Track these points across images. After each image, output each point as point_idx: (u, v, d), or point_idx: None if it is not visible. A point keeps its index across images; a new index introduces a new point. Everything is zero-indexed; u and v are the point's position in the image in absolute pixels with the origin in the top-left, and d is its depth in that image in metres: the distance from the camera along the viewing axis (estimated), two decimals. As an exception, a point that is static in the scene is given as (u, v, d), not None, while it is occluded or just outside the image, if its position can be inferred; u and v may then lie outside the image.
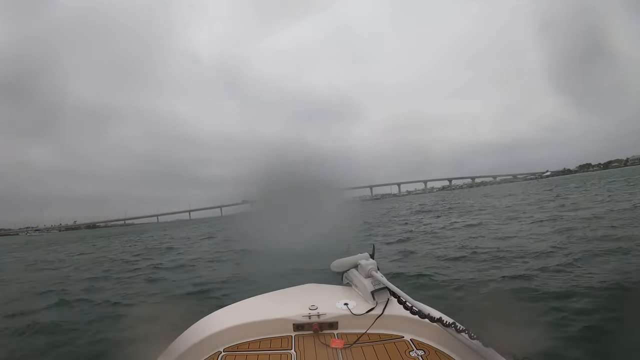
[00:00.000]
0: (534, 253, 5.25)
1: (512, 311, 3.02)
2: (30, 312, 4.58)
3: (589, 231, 6.55)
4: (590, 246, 5.26)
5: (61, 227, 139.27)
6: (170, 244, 14.53)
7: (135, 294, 5.37)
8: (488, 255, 5.49)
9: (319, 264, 3.65)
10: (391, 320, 1.75)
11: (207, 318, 1.87)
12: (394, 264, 5.65)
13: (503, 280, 4.13)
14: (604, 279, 3.62)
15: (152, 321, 3.01)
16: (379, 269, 2.01)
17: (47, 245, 23.81)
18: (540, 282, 3.86)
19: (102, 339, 3.42)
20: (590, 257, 4.63)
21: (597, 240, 5.64)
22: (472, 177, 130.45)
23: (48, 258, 13.46)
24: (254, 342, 1.68)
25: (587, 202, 12.83)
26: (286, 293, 2.15)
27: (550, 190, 25.60)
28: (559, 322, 2.85)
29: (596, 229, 6.76)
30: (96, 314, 4.32)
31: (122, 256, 11.30)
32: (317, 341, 1.66)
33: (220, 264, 7.71)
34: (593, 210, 9.84)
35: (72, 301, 5.04)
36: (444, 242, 7.50)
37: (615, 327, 2.65)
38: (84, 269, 8.76)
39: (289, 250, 4.66)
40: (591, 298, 3.21)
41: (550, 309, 3.10)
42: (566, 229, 7.03)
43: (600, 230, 6.55)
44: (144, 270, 7.66)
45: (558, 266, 4.35)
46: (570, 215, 9.37)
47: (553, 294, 3.41)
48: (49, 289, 6.12)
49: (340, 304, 1.85)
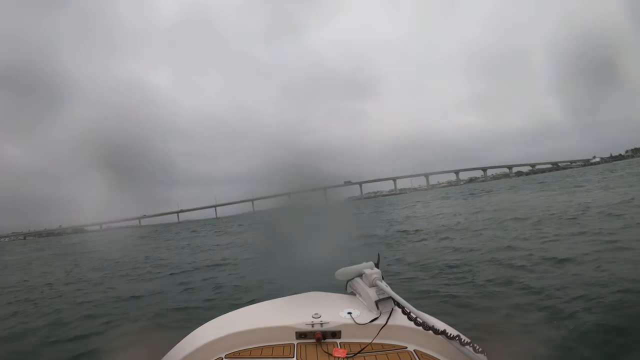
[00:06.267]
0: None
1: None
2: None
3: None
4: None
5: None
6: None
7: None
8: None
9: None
10: (395, 330, 1.74)
11: (209, 323, 1.92)
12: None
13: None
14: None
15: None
16: (383, 279, 1.99)
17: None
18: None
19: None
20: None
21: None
22: (509, 165, 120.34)
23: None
24: (255, 349, 1.70)
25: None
26: (289, 301, 2.16)
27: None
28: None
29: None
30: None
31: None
32: (319, 350, 1.66)
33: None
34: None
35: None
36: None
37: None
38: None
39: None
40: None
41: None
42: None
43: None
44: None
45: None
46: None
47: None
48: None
49: (344, 313, 1.84)
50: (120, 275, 9.38)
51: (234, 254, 11.38)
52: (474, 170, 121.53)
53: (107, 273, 9.98)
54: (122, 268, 10.64)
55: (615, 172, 32.11)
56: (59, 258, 17.68)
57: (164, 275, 8.75)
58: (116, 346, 3.94)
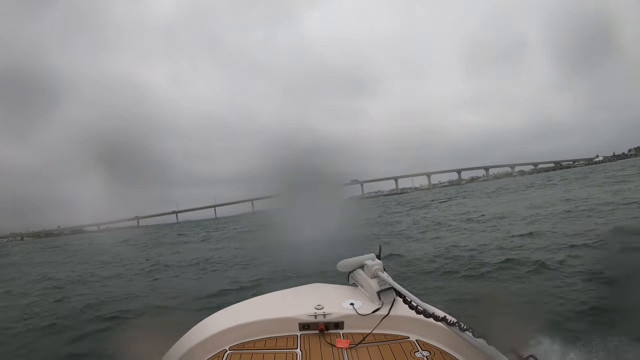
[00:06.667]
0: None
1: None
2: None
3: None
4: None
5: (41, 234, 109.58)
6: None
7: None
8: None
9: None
10: (397, 320, 1.75)
11: (213, 316, 1.93)
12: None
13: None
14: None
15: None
16: (385, 270, 2.01)
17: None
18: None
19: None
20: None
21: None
22: (512, 164, 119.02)
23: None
24: (259, 341, 1.71)
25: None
26: (292, 292, 2.16)
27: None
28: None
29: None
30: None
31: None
32: (322, 341, 1.68)
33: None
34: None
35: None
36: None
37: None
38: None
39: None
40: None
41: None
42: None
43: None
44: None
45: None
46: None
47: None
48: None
49: (346, 304, 1.86)
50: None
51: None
52: (476, 170, 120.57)
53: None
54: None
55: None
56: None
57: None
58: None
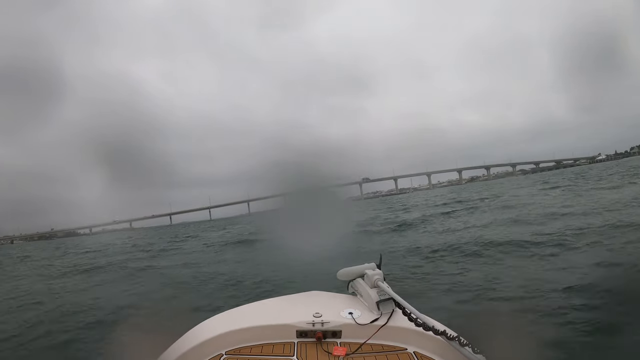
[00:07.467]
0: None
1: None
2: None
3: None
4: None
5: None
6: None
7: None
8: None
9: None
10: (395, 331, 1.74)
11: (210, 320, 1.90)
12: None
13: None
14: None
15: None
16: (385, 280, 1.99)
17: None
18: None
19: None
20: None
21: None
22: (513, 164, 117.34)
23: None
24: (256, 347, 1.70)
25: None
26: (291, 299, 2.15)
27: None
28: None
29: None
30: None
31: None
32: (319, 349, 1.66)
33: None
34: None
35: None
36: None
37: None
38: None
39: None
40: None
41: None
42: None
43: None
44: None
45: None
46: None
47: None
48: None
49: (345, 313, 1.84)
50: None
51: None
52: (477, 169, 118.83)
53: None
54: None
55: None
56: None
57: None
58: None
